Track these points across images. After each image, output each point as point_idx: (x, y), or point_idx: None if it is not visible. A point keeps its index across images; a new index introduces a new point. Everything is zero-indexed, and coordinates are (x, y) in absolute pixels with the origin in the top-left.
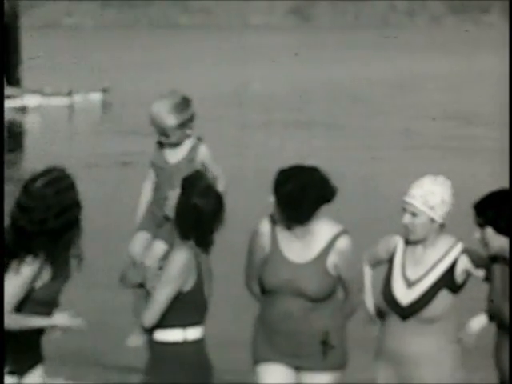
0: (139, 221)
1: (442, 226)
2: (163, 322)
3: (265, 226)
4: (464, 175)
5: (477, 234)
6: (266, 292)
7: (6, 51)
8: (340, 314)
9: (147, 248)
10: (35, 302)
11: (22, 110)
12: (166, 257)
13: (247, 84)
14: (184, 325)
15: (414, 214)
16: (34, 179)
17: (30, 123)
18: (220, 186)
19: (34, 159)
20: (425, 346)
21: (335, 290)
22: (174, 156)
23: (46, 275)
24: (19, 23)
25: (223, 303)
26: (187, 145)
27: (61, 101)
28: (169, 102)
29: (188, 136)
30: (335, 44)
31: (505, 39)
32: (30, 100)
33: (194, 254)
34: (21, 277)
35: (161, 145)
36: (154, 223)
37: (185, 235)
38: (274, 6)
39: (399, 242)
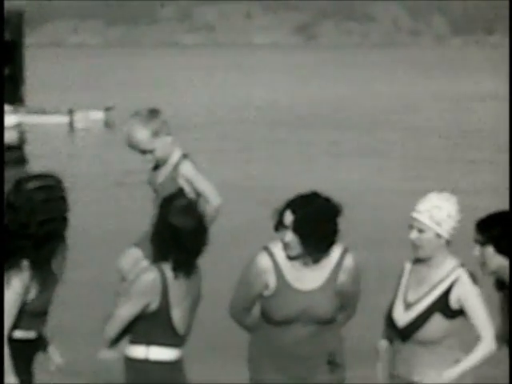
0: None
1: (448, 243)
2: (131, 338)
3: (265, 262)
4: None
5: (476, 251)
6: (273, 322)
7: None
8: (340, 332)
9: (135, 264)
10: (29, 314)
11: None
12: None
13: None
14: (147, 343)
15: (420, 231)
16: (27, 179)
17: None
18: (212, 201)
19: None
20: (427, 369)
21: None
22: (161, 175)
23: (35, 287)
24: (23, 41)
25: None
26: (172, 162)
27: (61, 119)
28: (136, 118)
29: (171, 143)
30: (339, 63)
31: (506, 60)
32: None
33: (162, 277)
34: (12, 290)
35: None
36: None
37: (162, 256)
38: (278, 24)
39: (407, 264)
